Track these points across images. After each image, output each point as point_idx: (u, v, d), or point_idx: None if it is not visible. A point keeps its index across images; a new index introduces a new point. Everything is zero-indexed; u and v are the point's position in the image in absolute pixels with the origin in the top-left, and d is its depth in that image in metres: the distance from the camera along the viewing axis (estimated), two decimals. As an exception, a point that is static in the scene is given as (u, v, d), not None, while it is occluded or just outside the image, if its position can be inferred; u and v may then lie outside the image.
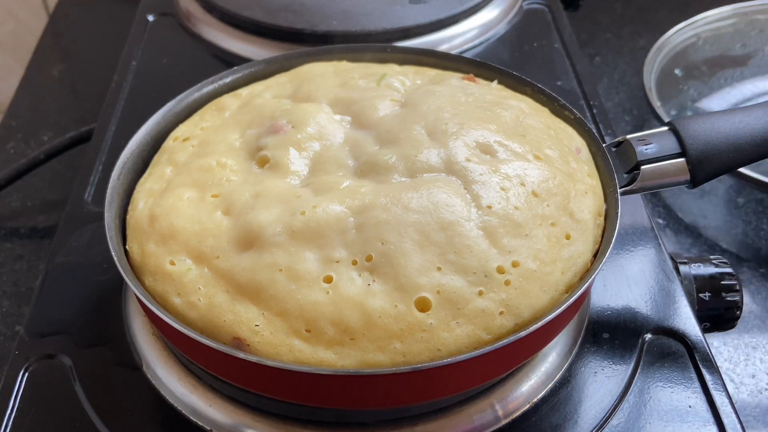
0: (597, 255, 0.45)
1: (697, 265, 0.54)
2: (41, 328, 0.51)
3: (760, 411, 0.56)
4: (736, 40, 0.85)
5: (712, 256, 0.55)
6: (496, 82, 0.55)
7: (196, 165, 0.48)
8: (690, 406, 0.46)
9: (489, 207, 0.43)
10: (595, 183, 0.47)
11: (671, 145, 0.49)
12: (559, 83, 0.71)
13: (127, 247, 0.46)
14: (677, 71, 0.81)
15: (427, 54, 0.58)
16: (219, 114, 0.53)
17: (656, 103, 0.76)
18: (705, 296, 0.53)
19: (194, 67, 0.75)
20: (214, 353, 0.39)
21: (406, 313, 0.39)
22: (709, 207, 0.72)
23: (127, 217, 0.48)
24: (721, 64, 0.83)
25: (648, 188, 0.49)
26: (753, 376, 0.58)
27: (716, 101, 0.83)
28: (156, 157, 0.51)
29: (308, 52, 0.58)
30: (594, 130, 0.50)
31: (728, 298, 0.53)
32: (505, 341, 0.38)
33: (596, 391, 0.47)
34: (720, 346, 0.60)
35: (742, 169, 0.67)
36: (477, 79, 0.54)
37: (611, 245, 0.43)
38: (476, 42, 0.77)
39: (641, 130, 0.63)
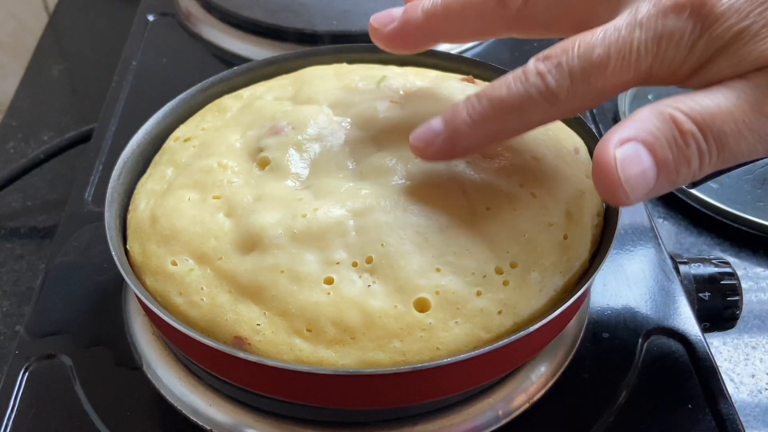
0: (596, 255, 0.45)
1: (697, 265, 0.54)
2: (41, 328, 0.51)
3: (760, 411, 0.56)
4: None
5: (712, 256, 0.55)
6: (495, 82, 0.55)
7: (197, 166, 0.48)
8: (690, 406, 0.46)
9: (488, 209, 0.43)
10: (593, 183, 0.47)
11: (671, 145, 0.48)
12: (558, 83, 0.71)
13: (127, 247, 0.46)
14: (650, 96, 0.81)
15: (426, 54, 0.57)
16: (220, 115, 0.53)
17: None
18: (705, 296, 0.53)
19: (194, 67, 0.75)
20: (214, 353, 0.39)
21: (405, 313, 0.39)
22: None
23: (128, 217, 0.48)
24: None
25: (648, 188, 0.48)
26: (753, 376, 0.58)
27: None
28: (156, 158, 0.51)
29: (308, 53, 0.58)
30: (594, 130, 0.50)
31: (728, 298, 0.53)
32: (505, 341, 0.38)
33: (596, 391, 0.47)
34: (720, 345, 0.60)
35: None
36: (476, 80, 0.54)
37: (612, 245, 0.43)
38: (476, 42, 0.77)
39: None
